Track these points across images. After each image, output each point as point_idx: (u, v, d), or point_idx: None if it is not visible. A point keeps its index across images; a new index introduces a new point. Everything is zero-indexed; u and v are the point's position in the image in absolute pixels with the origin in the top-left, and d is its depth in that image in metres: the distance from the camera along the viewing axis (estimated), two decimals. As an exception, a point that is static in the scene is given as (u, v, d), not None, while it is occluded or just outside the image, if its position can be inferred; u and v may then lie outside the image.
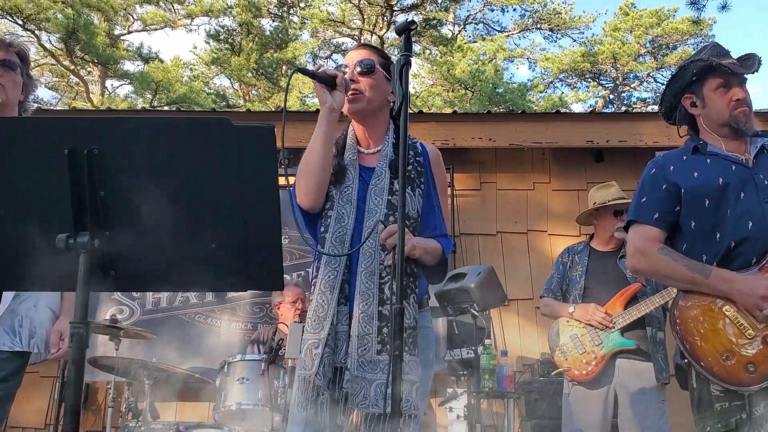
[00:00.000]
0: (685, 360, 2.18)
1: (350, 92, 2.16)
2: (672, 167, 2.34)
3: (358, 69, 2.19)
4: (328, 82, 2.08)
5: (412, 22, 1.78)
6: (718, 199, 2.21)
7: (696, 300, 2.20)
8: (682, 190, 2.28)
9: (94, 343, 4.73)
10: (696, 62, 2.34)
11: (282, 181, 1.62)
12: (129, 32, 21.65)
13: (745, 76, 2.33)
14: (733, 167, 2.26)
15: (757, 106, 2.45)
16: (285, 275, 4.98)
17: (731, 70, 2.28)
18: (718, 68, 2.29)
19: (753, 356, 2.07)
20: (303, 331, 2.22)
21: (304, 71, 2.11)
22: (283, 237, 1.44)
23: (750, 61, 2.32)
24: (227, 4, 21.10)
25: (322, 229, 2.12)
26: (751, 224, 2.16)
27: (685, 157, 2.36)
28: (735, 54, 2.38)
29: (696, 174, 2.28)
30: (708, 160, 2.31)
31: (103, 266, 1.40)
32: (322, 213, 2.15)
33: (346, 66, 2.22)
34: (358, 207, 2.13)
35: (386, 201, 2.11)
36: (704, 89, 2.34)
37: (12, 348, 2.42)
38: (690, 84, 2.37)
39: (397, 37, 1.83)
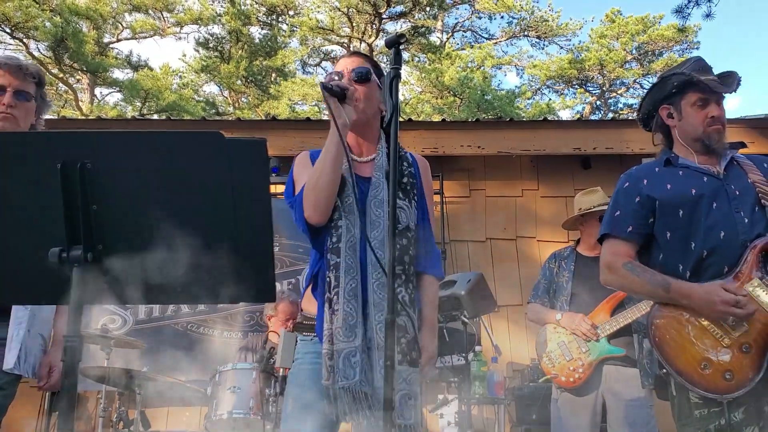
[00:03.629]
0: (664, 370, 2.22)
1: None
2: (645, 180, 2.39)
3: (354, 77, 2.14)
4: (339, 96, 2.02)
5: (402, 35, 1.78)
6: (692, 209, 2.26)
7: (672, 310, 2.24)
8: (657, 202, 2.32)
9: (85, 353, 4.71)
10: (677, 75, 2.39)
11: (272, 189, 1.63)
12: (118, 40, 21.61)
13: (723, 94, 2.37)
14: (705, 179, 2.31)
15: (743, 113, 2.52)
16: (276, 283, 4.99)
17: (710, 88, 2.32)
18: (699, 84, 2.33)
19: (730, 364, 2.12)
20: (296, 341, 2.21)
21: (325, 87, 2.03)
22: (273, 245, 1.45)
23: (730, 80, 2.36)
24: (216, 13, 21.12)
25: (335, 239, 2.08)
26: (723, 234, 2.21)
27: (657, 170, 2.41)
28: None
29: (669, 186, 2.33)
30: (680, 172, 2.36)
31: (96, 279, 1.41)
32: (330, 223, 2.11)
33: (340, 73, 2.17)
34: (359, 218, 2.11)
35: (387, 212, 2.07)
36: (682, 102, 2.39)
37: (15, 371, 2.42)
38: (669, 95, 2.41)
39: (384, 43, 1.84)
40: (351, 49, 19.33)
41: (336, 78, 2.17)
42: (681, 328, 2.20)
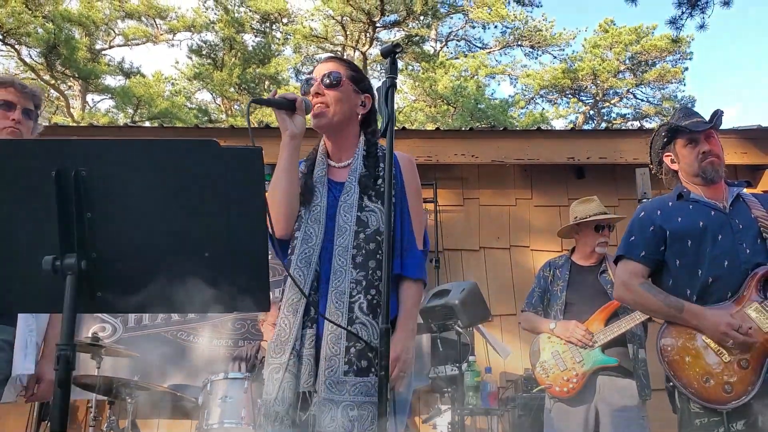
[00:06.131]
0: (671, 383, 2.46)
1: (315, 106, 2.13)
2: (659, 212, 2.65)
3: (325, 81, 2.16)
4: (286, 106, 2.04)
5: (398, 45, 1.78)
6: (699, 240, 2.52)
7: (679, 329, 2.49)
8: (668, 232, 2.58)
9: (75, 362, 4.67)
10: (665, 125, 2.75)
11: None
12: (110, 47, 21.58)
13: (715, 128, 2.65)
14: (712, 213, 2.57)
15: (738, 123, 2.70)
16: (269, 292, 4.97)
17: (690, 129, 2.63)
18: (683, 129, 2.65)
19: (729, 379, 2.36)
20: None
21: (259, 101, 2.08)
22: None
23: (711, 116, 2.66)
24: (210, 20, 21.12)
25: (289, 251, 2.08)
26: (726, 263, 2.47)
27: (670, 203, 2.67)
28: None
29: (680, 218, 2.59)
30: (690, 206, 2.61)
31: (90, 288, 1.39)
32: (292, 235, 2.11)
33: (313, 79, 2.19)
34: (326, 225, 2.09)
35: (355, 217, 2.08)
36: (676, 148, 2.71)
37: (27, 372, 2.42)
38: (665, 145, 2.74)
39: (379, 53, 1.84)
40: (344, 57, 19.36)
41: (306, 85, 2.19)
42: (687, 345, 2.45)
